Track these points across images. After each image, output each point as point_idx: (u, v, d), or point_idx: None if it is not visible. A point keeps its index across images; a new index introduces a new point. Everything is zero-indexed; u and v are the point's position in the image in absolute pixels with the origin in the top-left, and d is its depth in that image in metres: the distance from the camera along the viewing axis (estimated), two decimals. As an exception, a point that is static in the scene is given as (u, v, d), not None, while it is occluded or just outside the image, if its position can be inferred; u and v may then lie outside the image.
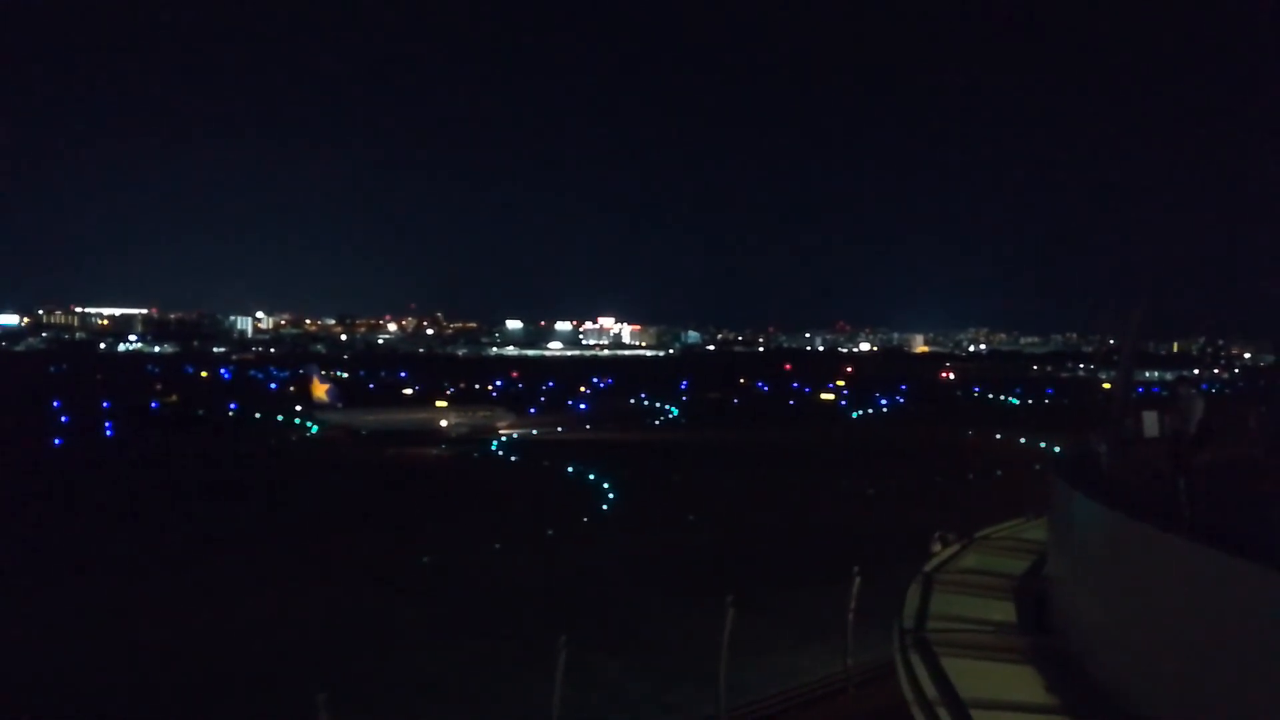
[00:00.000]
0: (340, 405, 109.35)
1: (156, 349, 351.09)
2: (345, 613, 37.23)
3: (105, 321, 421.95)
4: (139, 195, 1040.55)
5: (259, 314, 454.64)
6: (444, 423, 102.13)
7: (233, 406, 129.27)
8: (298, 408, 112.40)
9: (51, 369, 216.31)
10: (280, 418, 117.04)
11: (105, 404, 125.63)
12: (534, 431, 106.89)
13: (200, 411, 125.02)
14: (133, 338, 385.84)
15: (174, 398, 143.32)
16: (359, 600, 39.28)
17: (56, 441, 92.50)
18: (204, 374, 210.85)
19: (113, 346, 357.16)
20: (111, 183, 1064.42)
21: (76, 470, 74.99)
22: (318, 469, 78.65)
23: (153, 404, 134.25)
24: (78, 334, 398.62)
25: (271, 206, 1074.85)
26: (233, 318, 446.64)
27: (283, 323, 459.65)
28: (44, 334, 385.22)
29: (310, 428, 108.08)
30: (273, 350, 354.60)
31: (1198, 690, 9.54)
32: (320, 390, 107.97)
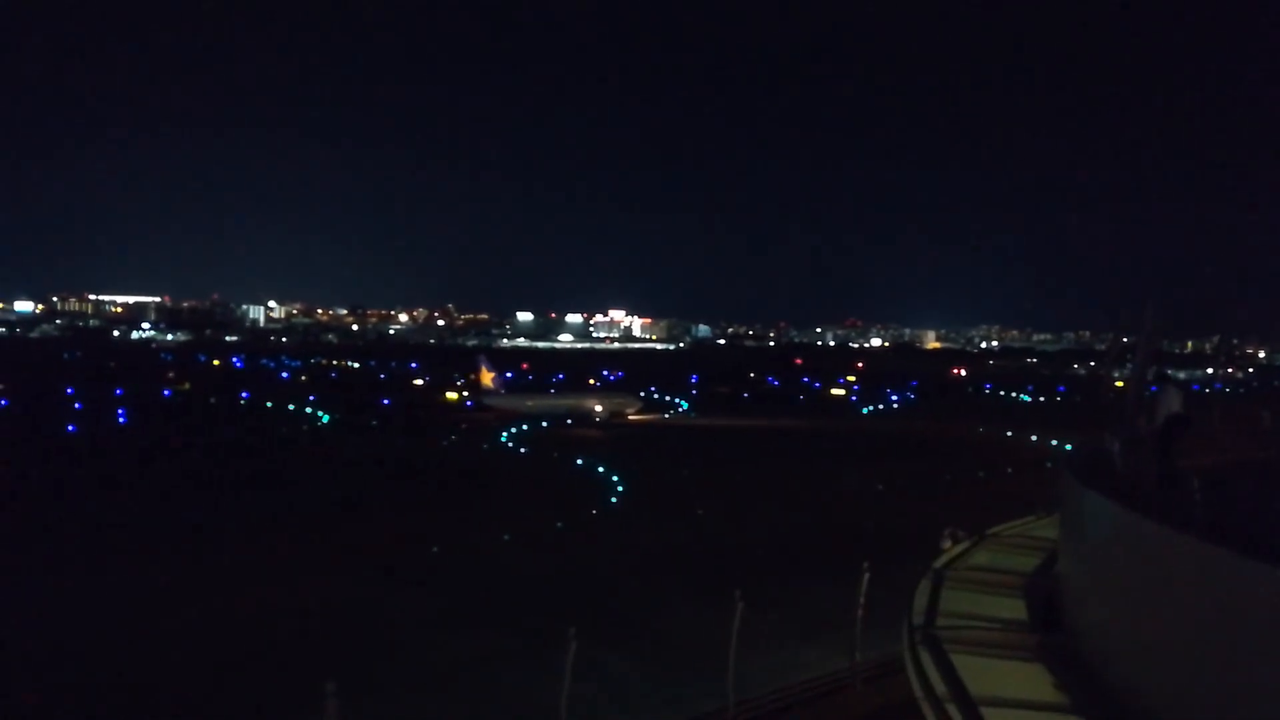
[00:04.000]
0: (505, 391, 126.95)
1: (169, 337, 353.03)
2: (366, 601, 37.43)
3: (119, 309, 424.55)
4: (154, 184, 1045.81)
5: (271, 303, 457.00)
6: (598, 407, 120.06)
7: (244, 395, 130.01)
8: (466, 392, 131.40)
9: (65, 355, 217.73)
10: (291, 406, 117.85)
11: (118, 390, 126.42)
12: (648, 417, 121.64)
13: (212, 399, 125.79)
14: (145, 325, 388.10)
15: (186, 385, 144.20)
16: (391, 586, 39.48)
17: (70, 427, 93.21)
18: (215, 362, 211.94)
19: (126, 334, 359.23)
20: (127, 172, 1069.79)
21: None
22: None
23: (165, 391, 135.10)
24: (91, 321, 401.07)
25: (285, 198, 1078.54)
26: (245, 306, 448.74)
27: (294, 312, 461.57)
28: (58, 320, 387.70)
29: (322, 418, 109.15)
30: (284, 339, 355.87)
31: (1207, 690, 9.50)
32: (488, 378, 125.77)
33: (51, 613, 34.82)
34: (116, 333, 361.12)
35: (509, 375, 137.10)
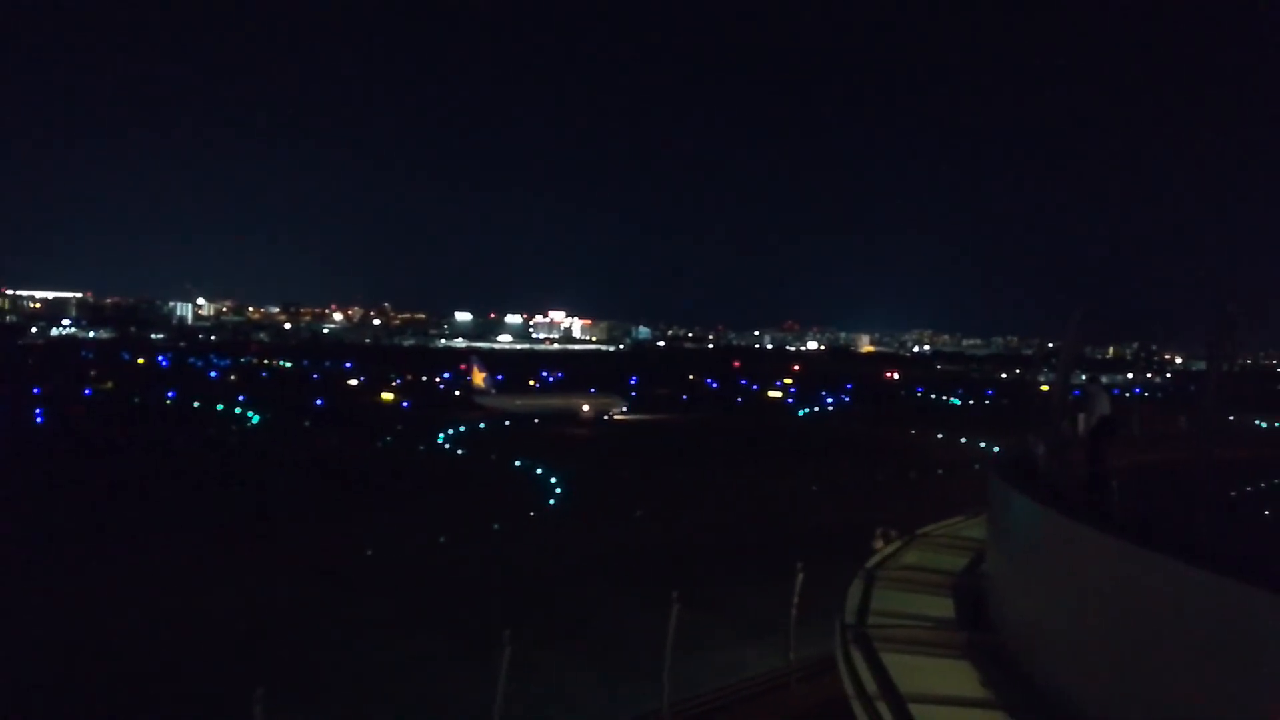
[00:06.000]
0: (495, 391, 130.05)
1: (91, 334, 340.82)
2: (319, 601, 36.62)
3: (37, 304, 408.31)
4: (76, 175, 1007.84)
5: (200, 300, 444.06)
6: (585, 407, 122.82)
7: (171, 394, 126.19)
8: (458, 392, 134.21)
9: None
10: (220, 406, 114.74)
11: (36, 390, 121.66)
12: (621, 414, 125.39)
13: (137, 399, 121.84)
14: (66, 322, 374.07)
15: (109, 384, 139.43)
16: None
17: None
18: (140, 360, 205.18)
19: (45, 330, 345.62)
20: (46, 162, 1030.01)
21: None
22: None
23: (86, 390, 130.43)
24: (8, 317, 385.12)
25: (215, 191, 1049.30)
26: (172, 303, 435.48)
27: (224, 310, 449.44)
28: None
29: (252, 418, 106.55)
30: (213, 338, 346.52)
31: (1128, 685, 9.82)
32: (480, 378, 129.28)
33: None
34: (35, 329, 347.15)
35: (499, 377, 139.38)
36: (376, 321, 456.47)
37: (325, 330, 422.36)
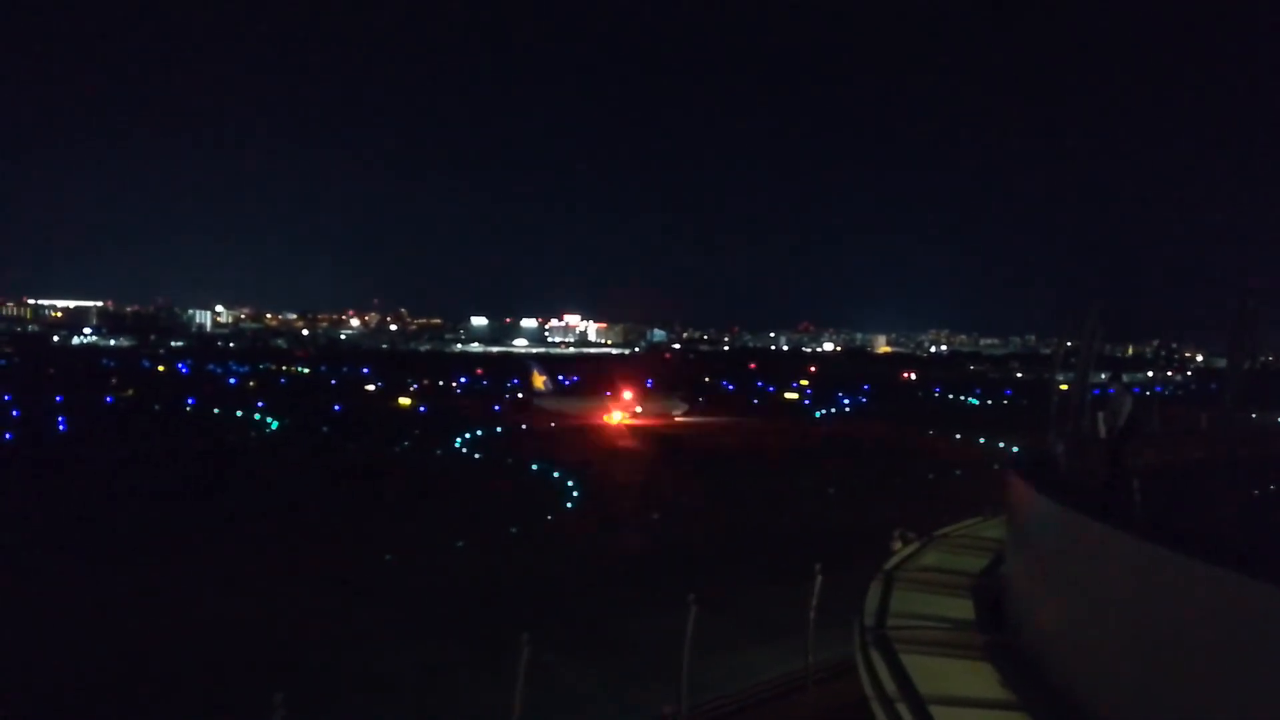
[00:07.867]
0: (554, 393, 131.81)
1: (112, 342, 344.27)
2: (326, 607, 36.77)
3: (59, 314, 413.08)
4: (94, 185, 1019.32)
5: (218, 307, 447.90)
6: (637, 409, 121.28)
7: (191, 401, 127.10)
8: (519, 395, 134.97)
9: (2, 362, 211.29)
10: (239, 412, 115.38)
11: (59, 398, 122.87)
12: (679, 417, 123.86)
13: (157, 406, 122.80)
14: (87, 330, 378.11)
15: (130, 391, 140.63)
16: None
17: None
18: (161, 368, 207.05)
19: (67, 339, 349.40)
20: (66, 172, 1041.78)
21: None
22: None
23: (108, 398, 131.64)
24: (30, 326, 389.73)
25: (232, 199, 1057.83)
26: (191, 311, 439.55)
27: (242, 317, 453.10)
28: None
29: (271, 424, 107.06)
30: (232, 345, 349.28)
31: (1149, 687, 9.71)
32: (539, 381, 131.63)
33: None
34: (56, 338, 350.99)
35: (559, 380, 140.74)
36: (393, 327, 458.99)
37: (342, 336, 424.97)
